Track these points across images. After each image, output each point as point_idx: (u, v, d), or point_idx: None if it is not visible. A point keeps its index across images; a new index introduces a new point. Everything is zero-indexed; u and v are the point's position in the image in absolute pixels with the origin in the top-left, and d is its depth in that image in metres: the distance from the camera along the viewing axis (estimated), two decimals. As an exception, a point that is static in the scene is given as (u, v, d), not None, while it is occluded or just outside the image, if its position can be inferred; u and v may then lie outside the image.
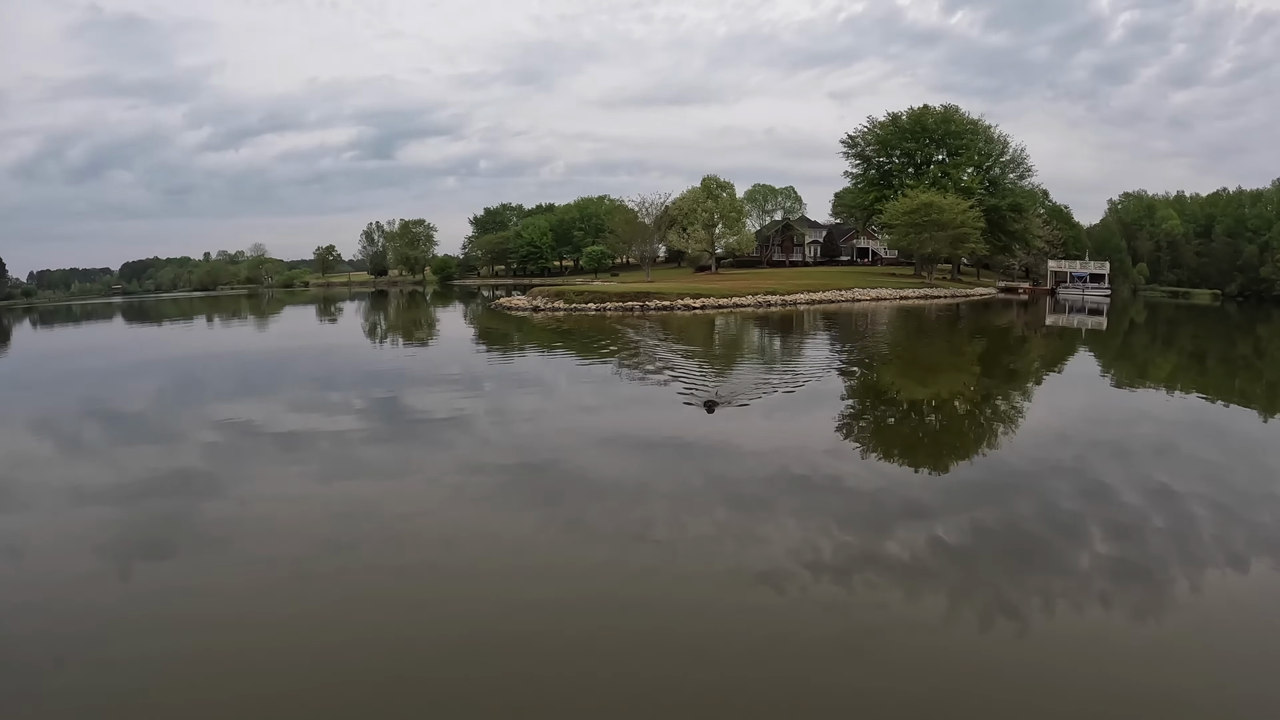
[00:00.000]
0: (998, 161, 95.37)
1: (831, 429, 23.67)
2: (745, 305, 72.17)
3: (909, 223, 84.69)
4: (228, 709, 9.57)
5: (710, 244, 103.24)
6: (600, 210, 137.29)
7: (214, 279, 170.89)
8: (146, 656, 10.77)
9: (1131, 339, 55.37)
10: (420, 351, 51.94)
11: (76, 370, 41.90)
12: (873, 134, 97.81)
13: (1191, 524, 15.19)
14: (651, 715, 9.52)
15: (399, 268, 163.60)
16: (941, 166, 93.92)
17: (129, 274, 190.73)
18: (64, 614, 12.13)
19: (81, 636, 11.32)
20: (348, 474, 19.58)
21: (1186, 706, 9.42)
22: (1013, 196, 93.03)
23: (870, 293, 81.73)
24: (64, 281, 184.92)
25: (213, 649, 10.98)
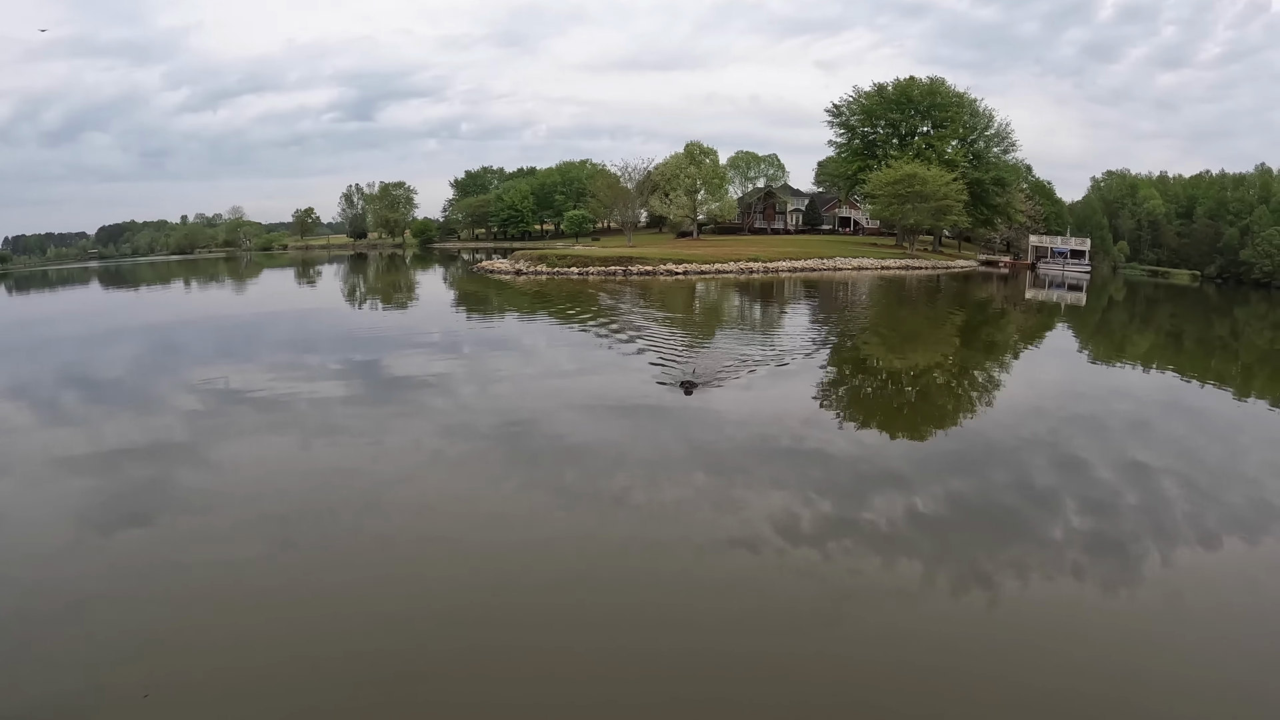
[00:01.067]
0: (982, 135, 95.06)
1: (810, 398, 23.75)
2: (728, 272, 71.99)
3: (892, 193, 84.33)
4: (208, 673, 9.61)
5: (692, 210, 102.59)
6: (582, 174, 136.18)
7: (191, 242, 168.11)
8: (126, 624, 10.78)
9: (1110, 316, 55.67)
10: (400, 315, 51.61)
11: (53, 337, 41.01)
12: (858, 104, 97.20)
13: (1164, 501, 15.36)
14: (629, 682, 9.58)
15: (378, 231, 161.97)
16: (926, 138, 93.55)
17: (105, 238, 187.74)
18: (44, 582, 12.06)
19: (61, 605, 11.27)
20: (328, 439, 19.54)
21: (1154, 679, 9.57)
22: (996, 170, 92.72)
23: (852, 262, 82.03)
24: (40, 246, 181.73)
25: (194, 615, 10.98)
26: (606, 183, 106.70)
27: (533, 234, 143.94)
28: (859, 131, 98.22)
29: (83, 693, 9.26)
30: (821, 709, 9.07)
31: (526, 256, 76.46)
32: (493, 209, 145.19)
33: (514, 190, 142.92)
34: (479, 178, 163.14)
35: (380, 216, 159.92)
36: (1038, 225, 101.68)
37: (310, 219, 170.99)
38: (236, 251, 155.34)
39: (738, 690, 9.35)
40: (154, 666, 9.74)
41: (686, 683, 9.48)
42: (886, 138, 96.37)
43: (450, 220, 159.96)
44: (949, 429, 21.17)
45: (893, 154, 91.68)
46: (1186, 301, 67.86)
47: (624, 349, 31.25)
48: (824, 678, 9.64)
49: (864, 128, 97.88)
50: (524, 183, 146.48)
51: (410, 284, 79.52)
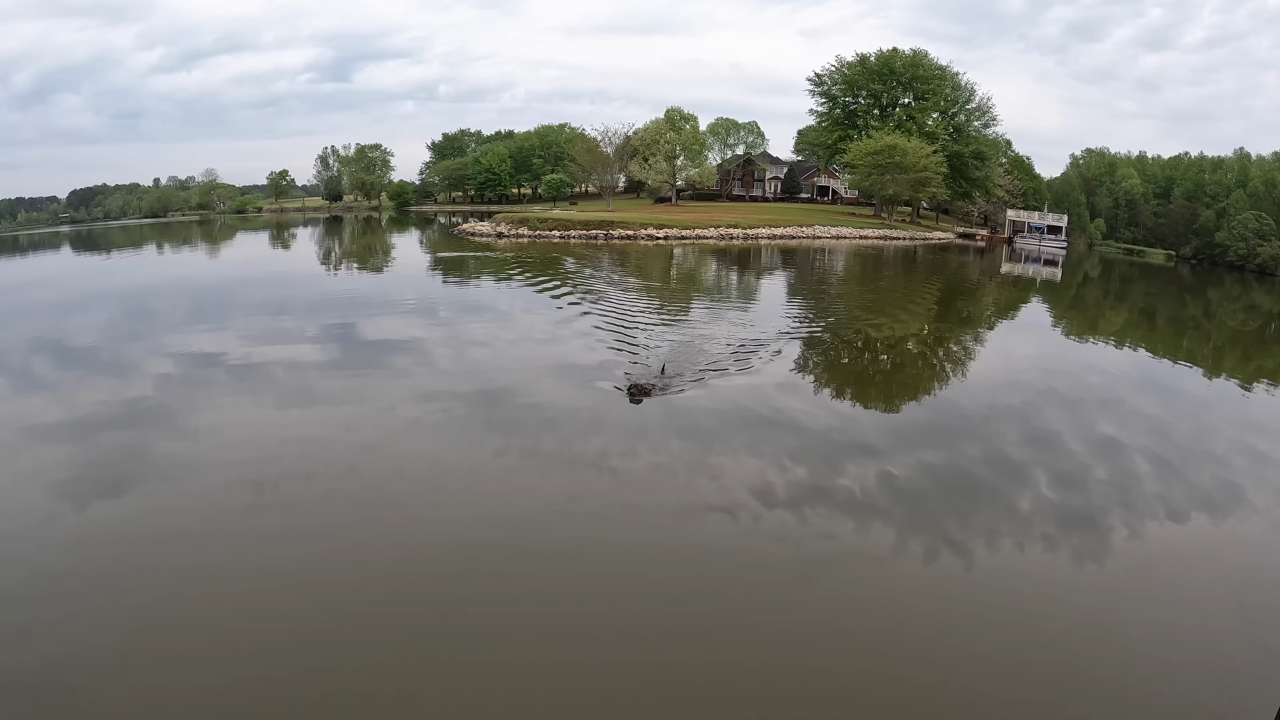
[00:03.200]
0: (963, 109, 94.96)
1: (787, 367, 23.73)
2: (708, 238, 72.00)
3: (872, 164, 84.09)
4: (183, 639, 9.66)
5: (671, 176, 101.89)
6: (561, 139, 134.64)
7: (164, 205, 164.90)
8: (101, 592, 10.75)
9: (1085, 292, 56.11)
10: (378, 278, 51.37)
11: (24, 303, 40.24)
12: (840, 73, 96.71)
13: (1132, 475, 15.57)
14: (605, 644, 9.69)
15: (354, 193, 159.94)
16: (907, 110, 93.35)
17: (77, 202, 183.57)
18: (17, 550, 12.05)
19: (36, 572, 11.29)
20: (303, 404, 19.54)
21: (1117, 648, 9.72)
22: (976, 144, 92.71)
23: (831, 231, 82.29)
24: (10, 211, 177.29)
25: (170, 581, 11.00)
26: (586, 147, 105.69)
27: (510, 198, 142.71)
28: (840, 101, 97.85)
29: (59, 661, 9.24)
30: (794, 669, 9.17)
31: (507, 219, 76.01)
32: (470, 172, 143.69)
33: (492, 153, 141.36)
34: (456, 141, 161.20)
35: (356, 179, 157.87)
36: (1016, 200, 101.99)
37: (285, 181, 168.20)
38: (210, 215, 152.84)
39: (712, 651, 9.46)
40: (130, 634, 9.78)
41: (662, 645, 9.57)
42: (868, 108, 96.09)
43: (427, 183, 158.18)
44: (923, 400, 21.37)
45: (873, 125, 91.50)
46: (1161, 281, 68.18)
47: (599, 317, 31.14)
48: (799, 633, 9.81)
49: (845, 97, 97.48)
50: (502, 146, 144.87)
51: (387, 247, 78.88)
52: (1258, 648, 9.93)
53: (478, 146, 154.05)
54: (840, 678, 9.12)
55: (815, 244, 75.79)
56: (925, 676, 9.07)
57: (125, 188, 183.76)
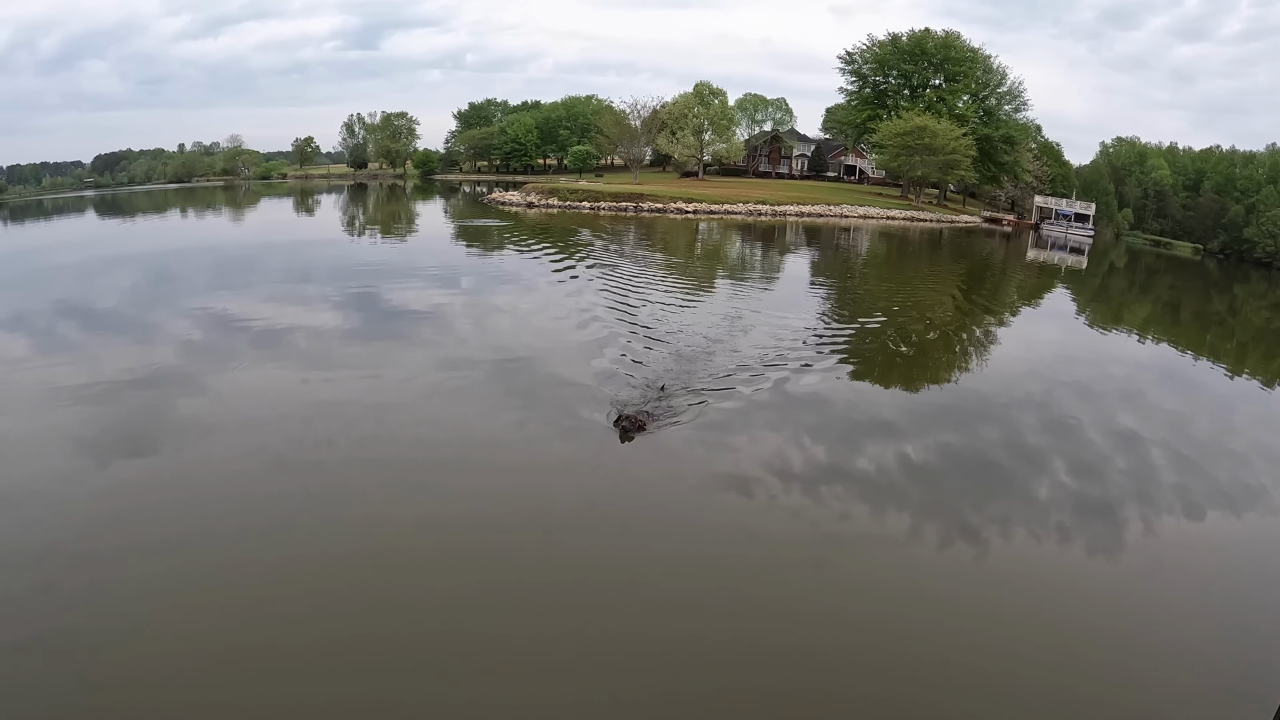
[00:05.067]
0: (994, 92, 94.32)
1: (811, 343, 23.58)
2: (736, 213, 72.19)
3: (901, 144, 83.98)
4: (204, 600, 9.84)
5: (699, 150, 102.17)
6: (587, 110, 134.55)
7: (189, 171, 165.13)
8: (124, 554, 10.92)
9: (1110, 282, 55.65)
10: (401, 246, 51.67)
11: (49, 267, 40.09)
12: (871, 52, 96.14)
13: (1151, 468, 15.60)
14: (618, 615, 9.89)
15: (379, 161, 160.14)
16: (938, 91, 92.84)
17: (101, 167, 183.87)
18: (42, 511, 12.19)
19: (61, 534, 11.42)
20: (325, 369, 19.63)
21: (1132, 638, 9.85)
22: (1006, 128, 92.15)
23: (858, 210, 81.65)
24: (35, 176, 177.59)
25: (190, 543, 11.18)
26: (613, 119, 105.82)
27: (535, 168, 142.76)
28: (870, 80, 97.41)
29: (80, 619, 9.40)
30: (804, 646, 9.36)
31: (537, 189, 76.35)
32: (496, 142, 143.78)
33: (518, 124, 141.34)
34: (483, 110, 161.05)
35: (381, 147, 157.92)
36: (1044, 186, 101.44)
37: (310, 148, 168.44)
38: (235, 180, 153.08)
39: (724, 624, 9.67)
40: (150, 595, 9.92)
41: (675, 617, 9.77)
42: (898, 88, 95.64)
43: (452, 152, 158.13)
44: (945, 384, 21.48)
45: (903, 105, 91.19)
46: (1187, 274, 67.73)
47: (621, 293, 31.32)
48: (811, 613, 9.96)
49: (876, 77, 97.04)
50: (528, 116, 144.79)
51: (411, 215, 78.87)
52: (1268, 645, 10.00)
53: (504, 116, 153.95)
54: (849, 661, 9.23)
55: (842, 223, 75.54)
56: (935, 663, 9.16)
57: (150, 153, 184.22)
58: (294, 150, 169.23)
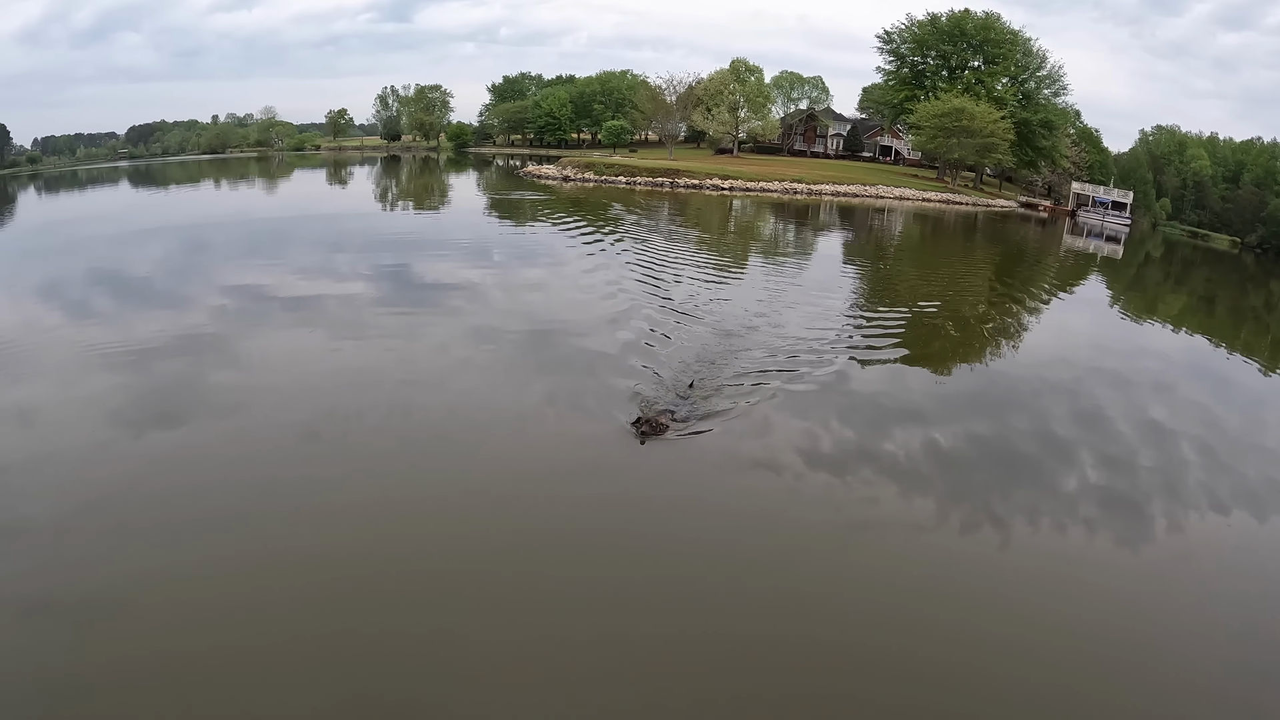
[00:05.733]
0: (1034, 75, 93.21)
1: (838, 325, 23.55)
2: (772, 191, 72.25)
3: (938, 126, 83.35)
4: (231, 568, 9.99)
5: (734, 127, 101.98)
6: (622, 85, 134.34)
7: (223, 142, 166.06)
8: (154, 520, 11.08)
9: (1146, 273, 54.97)
10: (435, 218, 52.02)
11: (83, 237, 40.50)
12: (910, 32, 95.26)
13: (1180, 464, 15.42)
14: (642, 599, 9.94)
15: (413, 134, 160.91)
16: (976, 73, 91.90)
17: (135, 138, 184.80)
18: (75, 478, 12.40)
19: (92, 500, 11.60)
20: (356, 339, 19.83)
21: (1155, 635, 9.81)
22: (1045, 112, 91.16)
23: (894, 191, 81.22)
24: (70, 147, 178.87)
25: (219, 512, 11.32)
26: (649, 94, 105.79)
27: (569, 142, 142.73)
28: (909, 60, 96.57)
29: (109, 585, 9.58)
30: (823, 628, 9.43)
31: (573, 163, 76.85)
32: (530, 115, 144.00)
33: (552, 97, 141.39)
34: (517, 84, 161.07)
35: (415, 119, 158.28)
36: (1081, 172, 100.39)
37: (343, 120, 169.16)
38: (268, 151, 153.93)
39: (745, 604, 9.79)
40: (179, 562, 10.08)
41: (694, 599, 9.85)
42: (936, 69, 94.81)
43: (486, 125, 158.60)
44: (975, 369, 21.34)
45: (941, 86, 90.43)
46: (1224, 267, 66.51)
47: (658, 269, 31.44)
48: (832, 598, 10.02)
49: (914, 57, 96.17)
50: (562, 90, 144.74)
51: (444, 187, 79.06)
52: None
53: (538, 90, 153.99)
54: (868, 648, 9.21)
55: (878, 204, 75.22)
56: (956, 655, 9.15)
57: (184, 124, 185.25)
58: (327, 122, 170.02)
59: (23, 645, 8.58)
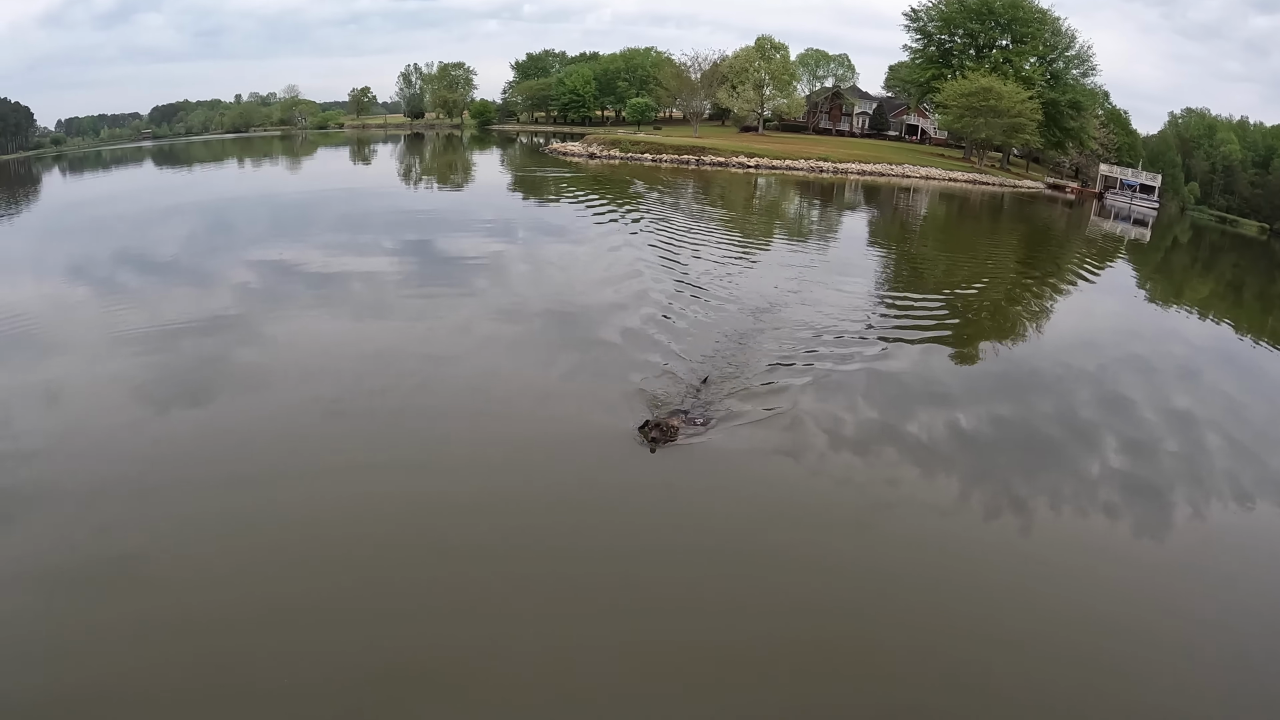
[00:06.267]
0: (1062, 55, 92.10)
1: (863, 305, 23.64)
2: (798, 169, 72.26)
3: (965, 105, 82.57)
4: (257, 541, 10.25)
5: (759, 105, 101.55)
6: (646, 62, 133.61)
7: (246, 121, 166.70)
8: (180, 495, 11.28)
9: (1173, 257, 54.46)
10: (460, 196, 52.12)
11: (108, 216, 40.85)
12: (937, 10, 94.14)
13: (1204, 452, 15.29)
14: (662, 565, 10.16)
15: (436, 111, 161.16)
16: (1004, 52, 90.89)
17: (159, 118, 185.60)
18: (103, 452, 12.64)
19: (117, 475, 11.81)
20: (379, 318, 20.03)
21: (1175, 625, 9.82)
22: (1073, 93, 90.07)
23: (920, 171, 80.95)
24: (93, 128, 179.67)
25: (244, 488, 11.51)
26: (673, 72, 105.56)
27: (593, 119, 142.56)
28: (936, 39, 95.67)
29: (135, 557, 9.79)
30: (843, 604, 9.56)
31: (599, 140, 77.03)
32: (554, 92, 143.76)
33: (576, 74, 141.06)
34: (540, 61, 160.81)
35: (439, 97, 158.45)
36: (1109, 154, 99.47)
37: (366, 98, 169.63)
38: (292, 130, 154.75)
39: (766, 578, 9.89)
40: (203, 537, 10.29)
41: (717, 570, 10.02)
42: (964, 48, 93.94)
43: (509, 103, 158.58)
44: (1000, 353, 21.21)
45: (969, 65, 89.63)
46: (1252, 254, 66.03)
47: (683, 248, 31.53)
48: (853, 577, 10.13)
49: (941, 35, 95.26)
50: (586, 68, 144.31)
51: (468, 165, 79.17)
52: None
53: (562, 68, 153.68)
54: (889, 632, 9.28)
55: (904, 183, 74.96)
56: (976, 642, 9.19)
57: (207, 104, 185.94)
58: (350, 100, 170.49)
59: (53, 608, 8.91)
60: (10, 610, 8.86)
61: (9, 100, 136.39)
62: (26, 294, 22.92)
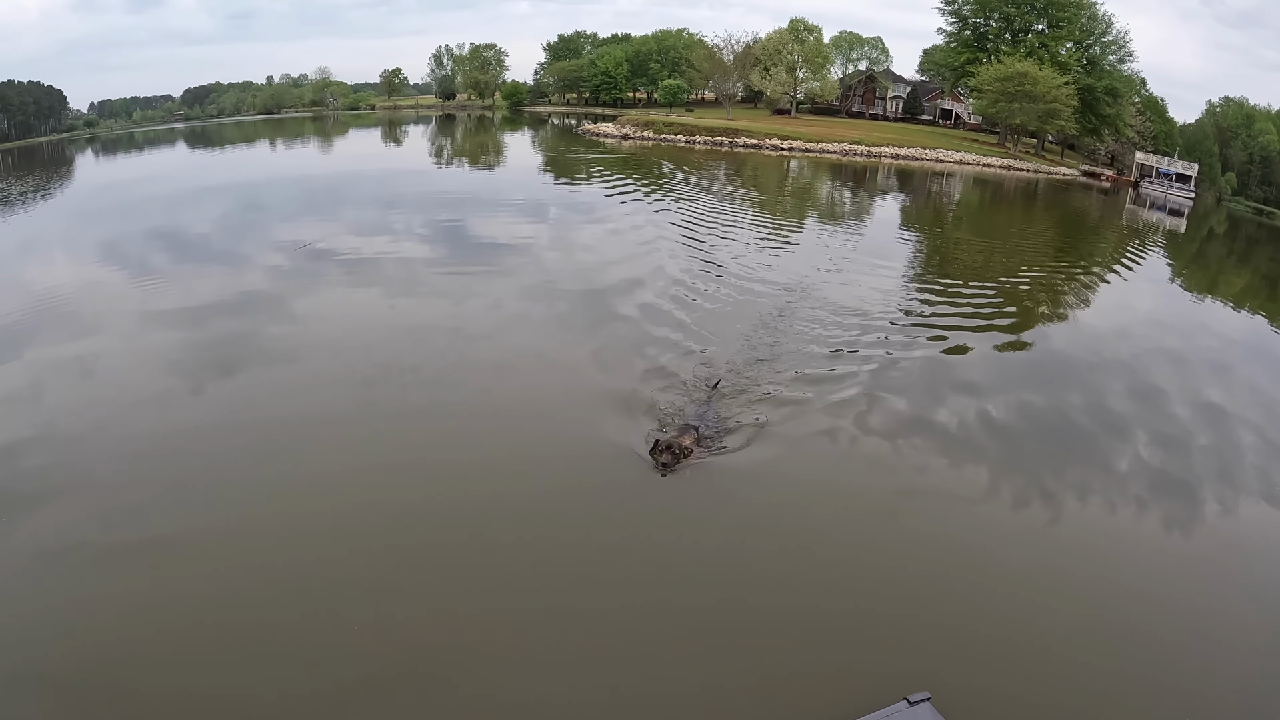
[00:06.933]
0: (1099, 40, 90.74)
1: (895, 291, 23.68)
2: (831, 152, 72.28)
3: (1000, 90, 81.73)
4: (289, 521, 10.37)
5: (792, 88, 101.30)
6: (679, 44, 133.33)
7: (278, 102, 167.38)
8: (213, 469, 11.52)
9: (1208, 248, 53.50)
10: (490, 176, 52.48)
11: (143, 197, 41.18)
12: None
13: (1235, 448, 15.09)
14: (686, 544, 10.22)
15: (468, 92, 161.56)
16: (1040, 37, 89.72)
17: (191, 100, 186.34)
18: (139, 427, 12.94)
19: (149, 454, 12.02)
20: (411, 296, 20.25)
21: (1203, 620, 9.71)
22: (1110, 79, 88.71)
23: (954, 156, 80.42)
24: (126, 110, 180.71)
25: (277, 461, 11.80)
26: (706, 54, 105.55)
27: (625, 101, 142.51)
28: (970, 22, 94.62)
29: (171, 533, 9.98)
30: (868, 588, 9.60)
31: (632, 122, 77.43)
32: (586, 74, 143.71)
33: (608, 56, 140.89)
34: (571, 42, 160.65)
35: (470, 78, 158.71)
36: (1145, 142, 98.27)
37: (398, 80, 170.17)
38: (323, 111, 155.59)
39: (789, 559, 10.00)
40: (237, 506, 10.52)
41: (740, 550, 10.13)
42: (999, 32, 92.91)
43: (541, 84, 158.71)
44: (1032, 342, 20.86)
45: (1004, 49, 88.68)
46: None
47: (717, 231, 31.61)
48: (879, 564, 10.15)
49: (976, 18, 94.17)
50: (618, 49, 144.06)
51: (499, 146, 79.40)
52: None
53: (593, 49, 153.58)
54: (914, 602, 9.36)
55: (938, 167, 74.49)
56: (1000, 630, 9.19)
57: (238, 86, 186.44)
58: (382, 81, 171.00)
59: (90, 581, 9.15)
60: (47, 584, 9.13)
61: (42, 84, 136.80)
62: (63, 274, 23.38)
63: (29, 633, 8.38)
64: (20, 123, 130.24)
